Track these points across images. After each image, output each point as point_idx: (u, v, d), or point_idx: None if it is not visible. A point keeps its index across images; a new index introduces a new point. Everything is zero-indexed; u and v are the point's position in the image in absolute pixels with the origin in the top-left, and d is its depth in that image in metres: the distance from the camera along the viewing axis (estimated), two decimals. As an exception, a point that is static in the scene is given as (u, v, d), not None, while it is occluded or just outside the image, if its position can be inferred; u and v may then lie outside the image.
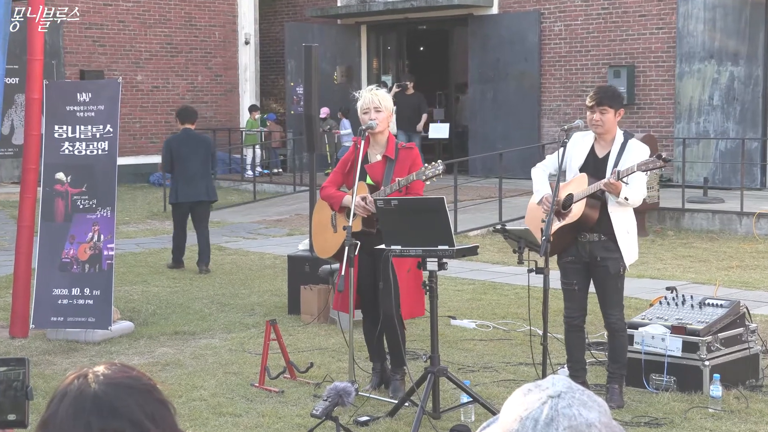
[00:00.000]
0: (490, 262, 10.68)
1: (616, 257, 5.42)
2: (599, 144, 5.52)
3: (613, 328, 5.55)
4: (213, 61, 20.45)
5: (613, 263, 5.43)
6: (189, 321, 7.83)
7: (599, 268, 5.46)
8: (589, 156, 5.52)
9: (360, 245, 5.41)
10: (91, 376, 1.49)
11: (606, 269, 5.44)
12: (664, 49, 15.82)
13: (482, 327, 7.54)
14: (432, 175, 5.46)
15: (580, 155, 5.52)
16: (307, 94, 8.47)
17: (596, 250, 5.44)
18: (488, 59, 17.83)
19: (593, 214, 5.38)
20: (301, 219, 13.98)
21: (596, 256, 5.45)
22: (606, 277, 5.46)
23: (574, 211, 5.39)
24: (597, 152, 5.51)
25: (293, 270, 8.21)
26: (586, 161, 5.51)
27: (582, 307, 5.61)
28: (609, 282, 5.46)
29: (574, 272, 5.53)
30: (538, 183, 5.64)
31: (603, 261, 5.43)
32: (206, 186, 10.29)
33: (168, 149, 10.27)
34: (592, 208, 5.38)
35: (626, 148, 5.42)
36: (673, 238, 12.09)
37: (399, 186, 5.52)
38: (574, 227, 5.41)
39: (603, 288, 5.51)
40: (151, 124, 19.72)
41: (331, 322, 7.59)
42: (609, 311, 5.51)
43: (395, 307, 5.53)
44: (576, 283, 5.53)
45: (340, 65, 19.95)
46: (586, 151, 5.53)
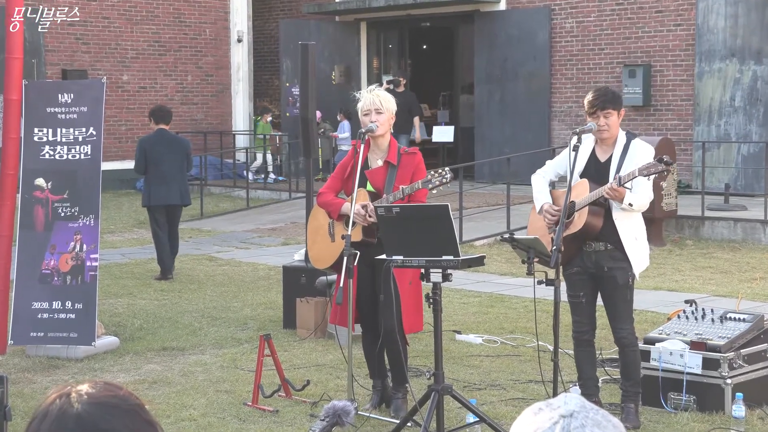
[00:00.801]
0: (498, 274, 10.68)
1: (624, 266, 5.42)
2: (600, 147, 5.52)
3: (623, 343, 5.54)
4: (203, 60, 20.48)
5: (621, 273, 5.42)
6: (178, 336, 7.82)
7: (606, 279, 5.45)
8: (590, 160, 5.52)
9: (359, 255, 5.41)
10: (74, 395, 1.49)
11: (614, 280, 5.43)
12: (683, 47, 15.83)
13: (489, 342, 7.53)
14: (439, 183, 5.46)
15: (580, 160, 5.52)
16: (303, 96, 8.47)
17: (602, 260, 5.44)
18: (495, 58, 17.86)
19: (597, 222, 5.38)
20: (297, 227, 13.98)
21: (603, 266, 5.44)
22: (614, 288, 5.45)
23: (577, 221, 5.39)
24: (598, 156, 5.51)
25: (288, 282, 8.20)
26: (588, 166, 5.51)
27: (591, 320, 5.60)
28: (617, 293, 5.46)
29: (581, 284, 5.53)
30: (538, 191, 5.64)
31: (610, 271, 5.42)
32: (180, 189, 10.44)
33: (141, 150, 10.41)
34: (595, 215, 5.38)
35: (629, 150, 5.42)
36: (692, 247, 12.08)
37: (403, 194, 5.51)
38: (577, 236, 5.41)
39: (611, 300, 5.50)
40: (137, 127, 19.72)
41: (329, 337, 7.58)
42: (618, 325, 5.51)
43: (397, 321, 5.52)
44: (583, 295, 5.52)
45: (338, 65, 19.97)
46: (586, 156, 5.53)
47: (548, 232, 5.54)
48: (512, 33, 17.65)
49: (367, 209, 5.51)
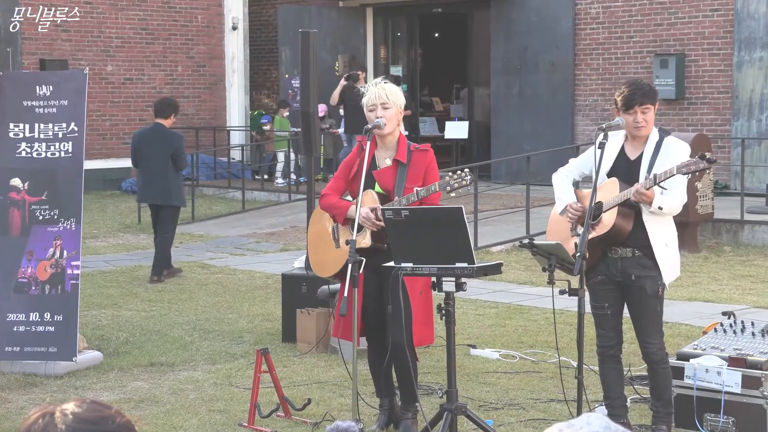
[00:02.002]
0: (516, 282, 10.68)
1: (654, 275, 5.40)
2: (631, 145, 5.49)
3: (652, 360, 5.52)
4: (195, 49, 20.52)
5: (650, 282, 5.40)
6: (167, 351, 7.84)
7: (634, 289, 5.44)
8: (619, 158, 5.49)
9: (366, 262, 5.41)
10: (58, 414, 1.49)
11: (642, 290, 5.41)
12: (720, 34, 15.81)
13: (507, 357, 7.53)
14: (458, 186, 5.45)
15: (607, 158, 5.50)
16: (304, 88, 8.48)
17: (630, 268, 5.42)
18: (514, 47, 17.86)
19: (626, 225, 5.36)
20: (298, 232, 13.98)
21: (630, 274, 5.42)
22: (642, 298, 5.43)
23: (604, 222, 5.38)
24: (628, 154, 5.49)
25: (288, 291, 8.21)
26: (616, 164, 5.49)
27: (617, 333, 5.58)
28: (646, 304, 5.44)
29: (605, 293, 5.51)
30: (561, 190, 5.62)
31: (638, 280, 5.40)
32: (163, 188, 10.71)
33: (131, 144, 11.03)
34: (624, 217, 5.36)
35: (662, 148, 5.40)
36: (730, 254, 12.05)
37: (418, 197, 5.51)
38: (603, 240, 5.39)
39: (639, 312, 5.48)
40: (123, 122, 19.77)
41: (332, 352, 7.58)
42: (647, 339, 5.49)
43: (406, 334, 5.52)
44: (609, 306, 5.51)
45: (342, 54, 20.00)
46: (614, 153, 5.51)
47: (570, 233, 5.53)
48: (532, 19, 17.65)
49: (376, 212, 5.51)
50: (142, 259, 12.27)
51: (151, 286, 10.52)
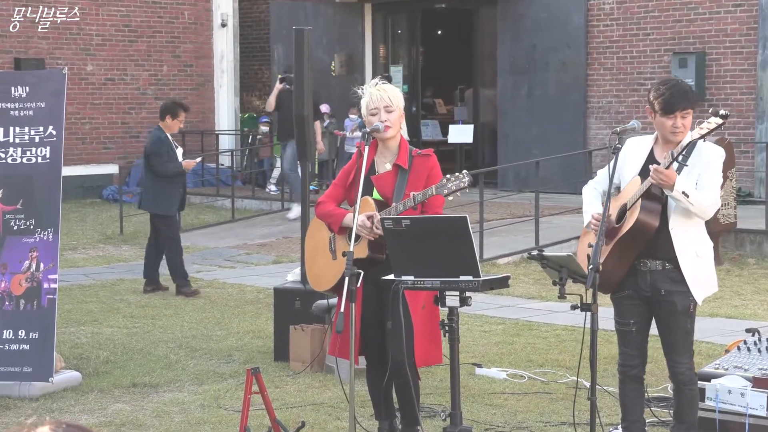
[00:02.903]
0: (525, 297, 10.68)
1: (685, 290, 5.37)
2: (662, 148, 5.46)
3: (680, 380, 5.51)
4: (182, 47, 20.56)
5: (681, 298, 5.38)
6: (150, 370, 7.83)
7: (663, 304, 5.42)
8: (648, 163, 5.47)
9: (364, 275, 5.41)
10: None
11: (672, 305, 5.40)
12: (743, 31, 15.84)
13: (515, 377, 7.53)
14: (456, 189, 5.46)
15: (635, 162, 5.48)
16: (298, 90, 8.49)
17: (659, 282, 5.40)
18: (522, 45, 17.89)
19: (652, 220, 5.31)
20: (291, 243, 13.98)
21: (659, 288, 5.41)
22: (672, 315, 5.42)
23: (628, 220, 5.36)
24: (658, 158, 5.46)
25: (281, 306, 8.21)
26: (645, 169, 5.45)
27: (641, 353, 5.57)
28: (675, 321, 5.43)
29: (631, 309, 5.50)
30: (587, 203, 5.60)
31: (668, 295, 5.38)
32: (143, 194, 11.23)
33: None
34: (649, 213, 5.32)
35: (695, 149, 5.37)
36: (754, 267, 12.06)
37: (414, 202, 5.52)
38: (631, 241, 5.36)
39: (668, 329, 5.47)
40: (104, 126, 19.80)
41: (328, 371, 7.58)
42: (675, 358, 5.47)
43: (407, 351, 5.52)
44: (634, 322, 5.49)
45: (338, 54, 20.03)
46: (643, 156, 5.49)
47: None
48: (541, 16, 17.68)
49: (373, 220, 5.51)
50: (124, 273, 12.27)
51: (133, 301, 10.52)
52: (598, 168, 15.53)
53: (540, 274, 11.09)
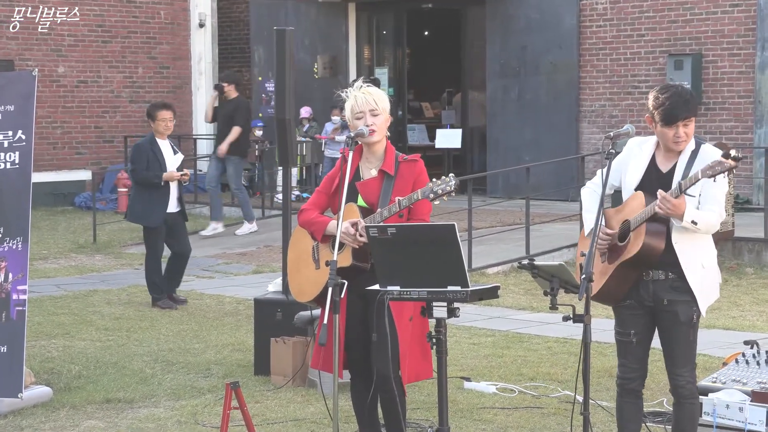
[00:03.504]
0: (515, 308, 10.69)
1: (688, 300, 5.38)
2: (664, 155, 5.45)
3: (681, 393, 5.50)
4: (158, 48, 20.53)
5: (683, 308, 5.38)
6: (125, 385, 7.81)
7: (665, 314, 5.42)
8: (649, 171, 5.45)
9: (348, 285, 5.41)
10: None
11: (674, 315, 5.40)
12: (741, 32, 15.91)
13: (504, 391, 7.53)
14: (442, 192, 5.47)
15: (637, 169, 5.47)
16: (279, 92, 8.49)
17: (662, 291, 5.41)
18: (512, 47, 17.93)
19: (657, 243, 5.31)
20: (272, 252, 13.96)
21: (662, 298, 5.41)
22: (674, 325, 5.42)
23: (632, 244, 5.33)
24: (660, 165, 5.45)
25: (261, 318, 8.20)
26: (646, 178, 5.44)
27: (641, 365, 5.56)
28: (678, 332, 5.42)
29: (633, 320, 5.49)
30: (588, 209, 5.56)
31: (671, 305, 5.39)
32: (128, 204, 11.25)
33: None
34: (655, 236, 5.31)
35: (698, 157, 5.35)
36: (752, 276, 12.10)
37: (400, 207, 5.53)
38: (634, 264, 5.37)
39: (670, 340, 5.47)
40: (76, 130, 19.76)
41: (310, 385, 7.57)
42: (677, 370, 5.47)
43: (393, 365, 5.52)
44: (635, 333, 5.49)
45: (321, 55, 20.03)
46: (644, 164, 5.48)
47: (600, 258, 5.50)
48: (532, 16, 17.73)
49: (357, 227, 5.52)
50: (97, 283, 12.24)
51: (107, 313, 10.49)
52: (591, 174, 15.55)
53: (531, 284, 11.11)
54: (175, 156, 10.82)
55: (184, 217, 10.87)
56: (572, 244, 13.06)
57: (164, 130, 10.79)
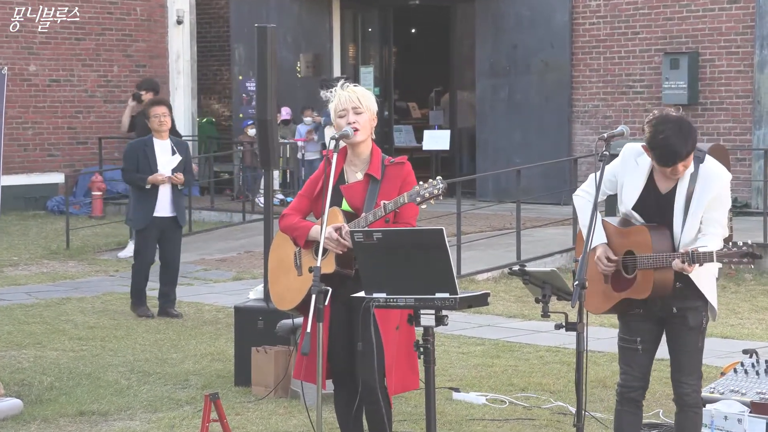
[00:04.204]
0: (505, 315, 10.70)
1: (698, 305, 5.41)
2: (662, 173, 5.42)
3: (685, 402, 5.51)
4: (134, 46, 20.49)
5: (693, 313, 5.41)
6: (99, 397, 7.79)
7: (674, 320, 5.44)
8: (647, 191, 5.44)
9: (333, 293, 5.41)
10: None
11: (683, 321, 5.42)
12: (739, 29, 15.97)
13: (495, 402, 7.54)
14: (429, 196, 5.47)
15: (634, 186, 5.46)
16: (260, 92, 8.49)
17: (671, 301, 5.43)
18: (502, 45, 17.96)
19: (668, 278, 5.32)
20: (253, 258, 13.95)
21: (671, 307, 5.43)
22: (682, 330, 5.43)
23: (642, 282, 5.34)
24: (659, 184, 5.43)
25: (242, 326, 8.18)
26: (645, 198, 5.44)
27: (644, 374, 5.56)
28: (686, 338, 5.44)
29: (640, 326, 5.49)
30: (586, 219, 5.49)
31: (680, 311, 5.42)
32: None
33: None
34: (664, 272, 5.32)
35: (699, 178, 5.37)
36: (751, 283, 12.14)
37: (386, 211, 5.53)
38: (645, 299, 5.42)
39: (678, 346, 5.48)
40: (48, 131, 19.69)
41: (293, 397, 7.56)
42: (682, 378, 5.48)
43: (378, 375, 5.52)
44: (641, 341, 5.49)
45: (304, 53, 20.03)
46: (642, 181, 5.46)
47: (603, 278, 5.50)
48: (523, 14, 17.77)
49: (341, 232, 5.52)
50: (70, 291, 12.20)
51: (80, 322, 10.47)
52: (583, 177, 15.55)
53: (522, 291, 11.12)
54: (173, 157, 10.62)
55: (177, 223, 10.73)
56: (565, 249, 13.10)
57: (159, 126, 10.55)
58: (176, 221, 10.69)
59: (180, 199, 10.77)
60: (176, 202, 10.64)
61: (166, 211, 10.59)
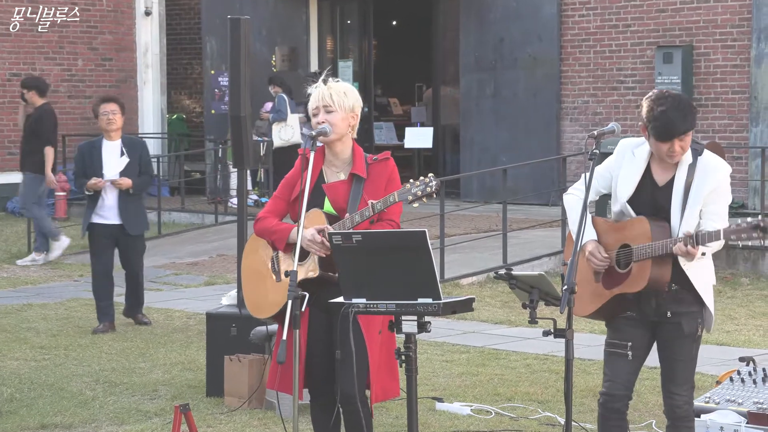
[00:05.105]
0: (491, 322, 10.72)
1: (693, 311, 5.41)
2: (659, 165, 5.46)
3: (676, 414, 5.51)
4: (99, 38, 20.44)
5: (688, 320, 5.41)
6: (63, 409, 7.77)
7: (668, 326, 5.43)
8: (644, 183, 5.46)
9: (312, 298, 5.40)
10: None
11: (677, 327, 5.41)
12: (735, 22, 16.03)
13: (480, 413, 7.55)
14: (422, 194, 5.45)
15: (630, 179, 5.47)
16: (234, 87, 8.48)
17: (665, 305, 5.42)
18: (488, 39, 17.98)
19: (664, 274, 5.33)
20: (226, 261, 13.93)
21: (665, 311, 5.44)
22: (676, 338, 5.43)
23: (637, 275, 5.34)
24: (656, 177, 5.46)
25: (214, 333, 8.17)
26: (641, 191, 5.46)
27: (629, 382, 5.55)
28: (679, 346, 5.44)
29: (631, 330, 5.47)
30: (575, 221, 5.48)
31: (674, 317, 5.41)
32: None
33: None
34: (661, 266, 5.32)
35: (697, 170, 5.39)
36: (748, 287, 12.19)
37: (374, 211, 5.51)
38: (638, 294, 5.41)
39: (671, 354, 5.47)
40: (8, 128, 19.62)
41: (268, 408, 7.56)
42: (674, 389, 5.48)
43: (359, 384, 5.52)
44: (631, 346, 5.49)
45: (280, 46, 20.01)
46: (638, 174, 5.48)
47: (593, 276, 5.51)
48: (510, 5, 17.80)
49: (325, 234, 5.50)
50: (32, 297, 12.16)
51: (43, 330, 10.43)
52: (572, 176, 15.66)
53: (508, 296, 11.14)
54: (120, 159, 10.28)
55: (124, 231, 10.27)
56: (553, 252, 13.13)
57: (107, 125, 10.22)
58: (124, 229, 10.24)
59: (133, 205, 10.30)
60: (126, 208, 10.21)
61: (112, 219, 10.22)
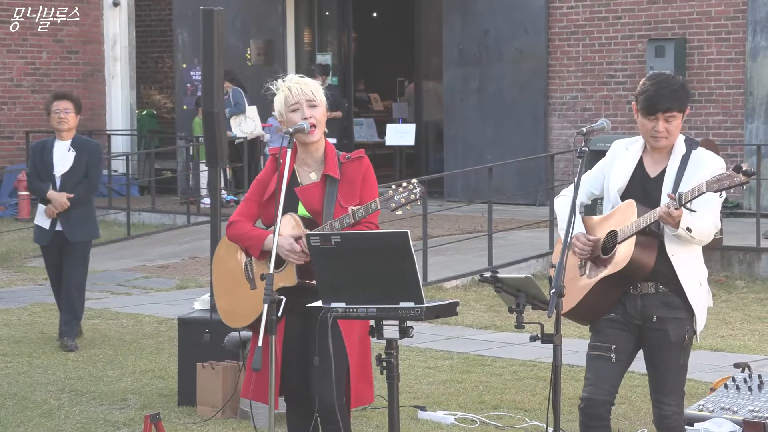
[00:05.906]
0: (476, 327, 10.72)
1: (681, 317, 5.41)
2: (651, 157, 5.49)
3: (665, 425, 5.52)
4: (65, 30, 20.38)
5: (675, 326, 5.41)
6: (26, 419, 7.75)
7: (654, 333, 5.44)
8: (636, 175, 5.50)
9: (288, 303, 5.40)
10: None
11: (664, 334, 5.42)
12: (730, 14, 16.08)
13: (464, 422, 7.56)
14: (405, 201, 5.46)
15: (622, 171, 5.51)
16: (206, 82, 8.47)
17: (651, 308, 5.43)
18: (473, 31, 17.99)
19: (647, 258, 5.34)
20: (199, 264, 13.90)
21: (651, 315, 5.43)
22: (663, 346, 5.43)
23: (619, 256, 5.37)
24: (647, 169, 5.49)
25: (186, 340, 8.16)
26: (632, 183, 5.48)
27: (612, 387, 5.55)
28: (666, 354, 5.44)
29: (615, 333, 5.48)
30: (564, 219, 5.56)
31: (660, 323, 5.41)
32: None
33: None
34: (645, 249, 5.33)
35: (690, 162, 5.41)
36: (743, 290, 12.22)
37: (355, 219, 5.50)
38: (620, 279, 5.40)
39: (657, 362, 5.48)
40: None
41: (242, 417, 7.56)
42: (662, 398, 5.49)
43: (338, 392, 5.52)
44: (615, 350, 5.50)
45: (255, 39, 19.99)
46: (630, 167, 5.51)
47: (578, 271, 5.51)
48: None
49: (302, 242, 5.50)
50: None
51: (5, 336, 10.39)
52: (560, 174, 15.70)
53: (494, 300, 11.14)
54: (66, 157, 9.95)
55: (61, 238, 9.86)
56: (540, 254, 13.15)
57: (58, 124, 9.91)
58: (61, 235, 9.87)
59: (76, 211, 9.87)
60: (68, 213, 9.81)
61: (46, 223, 9.88)
